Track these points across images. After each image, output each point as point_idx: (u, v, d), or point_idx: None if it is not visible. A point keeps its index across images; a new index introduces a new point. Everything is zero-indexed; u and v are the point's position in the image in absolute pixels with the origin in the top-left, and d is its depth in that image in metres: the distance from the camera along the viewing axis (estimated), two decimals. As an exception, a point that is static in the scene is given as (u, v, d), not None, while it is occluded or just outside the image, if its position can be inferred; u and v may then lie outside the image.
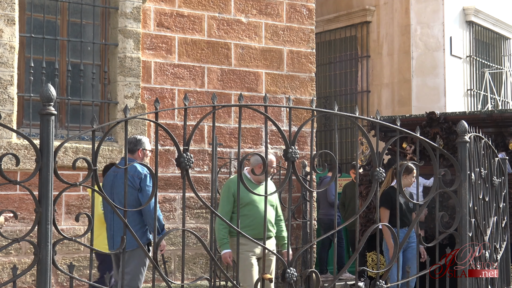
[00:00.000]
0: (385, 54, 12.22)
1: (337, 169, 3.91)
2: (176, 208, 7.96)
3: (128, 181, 5.36)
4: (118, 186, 5.51)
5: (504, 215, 5.84)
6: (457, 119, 7.40)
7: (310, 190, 3.79)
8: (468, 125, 4.54)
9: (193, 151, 7.99)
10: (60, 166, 3.87)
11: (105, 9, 7.87)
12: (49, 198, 2.92)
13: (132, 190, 5.47)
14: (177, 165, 3.29)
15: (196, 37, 8.24)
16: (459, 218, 4.37)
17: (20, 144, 7.09)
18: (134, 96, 7.71)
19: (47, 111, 2.94)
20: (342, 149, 12.68)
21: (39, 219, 2.91)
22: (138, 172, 5.50)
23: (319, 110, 4.11)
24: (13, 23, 7.11)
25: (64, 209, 7.29)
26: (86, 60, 7.74)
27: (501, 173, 5.77)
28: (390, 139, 4.31)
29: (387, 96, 12.18)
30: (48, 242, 2.91)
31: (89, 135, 7.21)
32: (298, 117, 8.75)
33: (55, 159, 2.95)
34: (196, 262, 8.04)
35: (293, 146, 3.55)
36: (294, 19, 8.94)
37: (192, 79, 8.19)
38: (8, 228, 6.92)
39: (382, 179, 4.06)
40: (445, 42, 11.84)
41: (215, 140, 5.86)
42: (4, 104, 7.01)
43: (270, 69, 8.72)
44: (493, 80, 13.22)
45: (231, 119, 8.37)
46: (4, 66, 7.04)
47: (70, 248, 7.25)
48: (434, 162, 4.30)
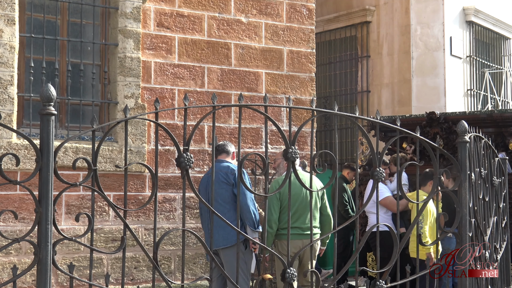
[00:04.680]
0: (385, 54, 12.22)
1: (337, 169, 3.91)
2: (176, 208, 7.96)
3: (223, 178, 5.86)
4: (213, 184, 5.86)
5: (504, 215, 5.85)
6: (457, 119, 7.40)
7: (310, 190, 3.81)
8: (468, 125, 4.54)
9: (193, 151, 7.99)
10: (60, 166, 3.87)
11: (105, 9, 7.87)
12: (49, 198, 2.92)
13: (227, 186, 5.84)
14: (177, 165, 3.29)
15: (196, 37, 8.24)
16: (459, 218, 4.37)
17: (20, 144, 7.09)
18: (134, 96, 7.71)
19: (47, 111, 2.94)
20: (342, 149, 12.67)
21: (39, 219, 2.91)
22: (231, 169, 5.90)
23: (319, 110, 4.11)
24: (13, 23, 7.11)
25: (64, 209, 7.30)
26: (86, 60, 7.74)
27: (501, 173, 5.77)
28: (390, 139, 4.32)
29: (387, 96, 12.18)
30: (48, 242, 2.91)
31: (89, 135, 7.21)
32: (298, 117, 8.75)
33: (55, 159, 2.95)
34: (196, 262, 8.04)
35: (293, 146, 3.55)
36: (294, 19, 8.94)
37: (192, 79, 8.19)
38: (8, 228, 6.92)
39: (382, 179, 4.06)
40: (445, 42, 11.84)
41: (215, 140, 5.87)
42: (4, 104, 7.01)
43: (270, 69, 8.72)
44: (493, 80, 13.22)
45: (231, 119, 8.37)
46: (4, 66, 7.04)
47: (70, 248, 7.25)
48: (434, 162, 4.31)
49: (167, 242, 7.81)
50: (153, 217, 6.27)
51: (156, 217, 3.33)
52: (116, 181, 7.51)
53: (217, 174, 5.86)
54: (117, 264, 7.51)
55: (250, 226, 5.78)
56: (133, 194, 7.66)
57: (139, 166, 7.59)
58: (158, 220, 7.77)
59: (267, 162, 3.56)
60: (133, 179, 7.67)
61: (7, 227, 6.90)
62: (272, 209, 6.09)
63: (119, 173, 7.46)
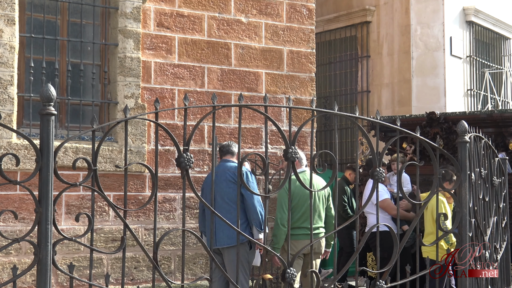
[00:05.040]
0: (385, 54, 12.22)
1: (337, 169, 3.91)
2: (176, 208, 7.96)
3: (231, 177, 5.95)
4: (220, 184, 5.97)
5: (504, 215, 5.85)
6: (457, 119, 7.40)
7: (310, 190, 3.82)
8: (468, 125, 4.54)
9: (193, 151, 7.99)
10: (60, 166, 3.87)
11: (105, 9, 7.87)
12: (49, 198, 2.92)
13: (235, 185, 5.92)
14: (177, 165, 3.29)
15: (196, 37, 8.24)
16: (459, 218, 4.37)
17: (20, 144, 7.09)
18: (134, 96, 7.70)
19: (47, 111, 2.94)
20: (342, 149, 12.67)
21: (39, 219, 2.91)
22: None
23: (319, 110, 4.11)
24: (13, 23, 7.11)
25: (64, 209, 7.29)
26: (86, 60, 7.73)
27: (501, 173, 5.77)
28: (390, 139, 4.31)
29: (387, 96, 12.18)
30: (48, 242, 2.91)
31: (89, 135, 7.21)
32: (298, 117, 8.75)
33: (55, 159, 2.95)
34: (196, 262, 8.04)
35: (293, 146, 3.55)
36: (294, 19, 8.94)
37: (192, 79, 8.19)
38: (8, 228, 6.92)
39: (382, 179, 4.06)
40: (445, 42, 11.84)
41: (215, 140, 5.87)
42: (4, 104, 7.01)
43: (270, 69, 8.72)
44: (493, 80, 13.22)
45: (231, 119, 8.37)
46: (4, 66, 7.04)
47: (70, 248, 7.25)
48: (434, 162, 4.30)
49: (167, 242, 7.81)
50: (153, 217, 6.27)
51: (156, 217, 3.33)
52: (116, 181, 7.51)
53: (225, 173, 5.95)
54: (117, 264, 7.51)
55: (257, 227, 5.86)
56: (133, 194, 7.66)
57: (139, 166, 7.59)
58: (158, 220, 7.77)
59: (267, 162, 3.56)
60: (133, 179, 7.67)
61: (7, 227, 6.90)
62: (285, 207, 6.14)
63: (119, 173, 7.46)
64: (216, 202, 5.87)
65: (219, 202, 5.90)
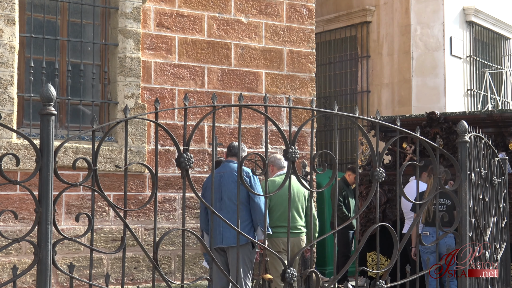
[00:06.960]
0: (385, 54, 12.22)
1: (337, 169, 3.91)
2: (176, 208, 7.96)
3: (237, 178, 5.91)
4: (227, 184, 6.03)
5: (504, 215, 5.84)
6: (457, 119, 7.40)
7: (310, 190, 3.84)
8: (468, 125, 4.54)
9: (193, 151, 7.99)
10: (60, 166, 3.87)
11: (105, 9, 7.87)
12: (49, 198, 2.92)
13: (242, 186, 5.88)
14: (177, 165, 3.29)
15: (196, 37, 8.24)
16: (459, 218, 4.37)
17: (20, 144, 7.09)
18: (134, 96, 7.71)
19: (47, 111, 2.94)
20: (342, 149, 12.67)
21: (39, 219, 2.91)
22: (246, 172, 5.99)
23: (319, 110, 4.11)
24: (13, 23, 7.11)
25: (64, 209, 7.30)
26: (86, 60, 7.74)
27: (501, 173, 5.77)
28: (390, 139, 4.31)
29: (387, 96, 12.18)
30: (48, 242, 2.91)
31: (89, 135, 7.21)
32: (298, 117, 8.75)
33: (55, 159, 2.95)
34: (196, 262, 8.04)
35: (293, 146, 3.55)
36: (294, 19, 8.94)
37: (192, 79, 8.19)
38: (8, 228, 6.92)
39: (382, 179, 4.06)
40: (445, 42, 11.84)
41: (215, 140, 5.88)
42: (4, 104, 7.01)
43: (270, 69, 8.72)
44: (493, 80, 13.22)
45: (231, 119, 8.37)
46: (4, 66, 7.04)
47: (70, 248, 7.25)
48: (434, 162, 4.30)
49: (167, 242, 7.81)
50: (153, 217, 6.27)
51: (156, 217, 3.33)
52: (116, 181, 7.52)
53: (232, 174, 6.03)
54: (117, 264, 7.52)
55: (262, 228, 5.92)
56: (133, 194, 7.66)
57: (139, 166, 7.59)
58: (158, 220, 7.77)
59: (267, 162, 3.56)
60: (133, 179, 7.67)
61: (7, 227, 6.90)
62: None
63: (119, 173, 7.46)
64: (223, 203, 5.98)
65: (227, 202, 5.99)
